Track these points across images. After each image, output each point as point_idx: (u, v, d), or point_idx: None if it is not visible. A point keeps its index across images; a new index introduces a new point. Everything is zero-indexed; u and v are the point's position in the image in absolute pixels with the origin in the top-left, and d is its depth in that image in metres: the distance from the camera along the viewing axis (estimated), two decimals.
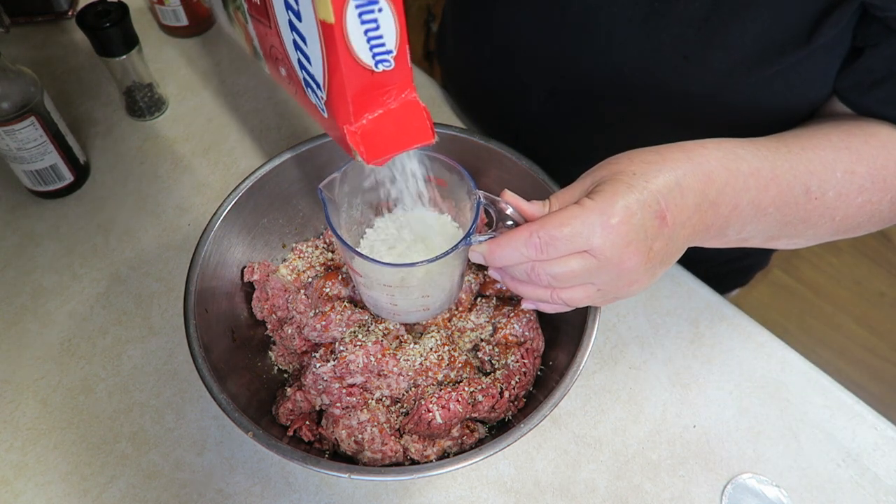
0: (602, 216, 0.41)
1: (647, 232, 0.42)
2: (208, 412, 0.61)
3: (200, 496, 0.57)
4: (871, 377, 1.57)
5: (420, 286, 0.49)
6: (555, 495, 0.57)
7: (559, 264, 0.43)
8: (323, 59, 0.37)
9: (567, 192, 0.46)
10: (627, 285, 0.45)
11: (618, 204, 0.41)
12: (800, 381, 0.62)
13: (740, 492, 0.57)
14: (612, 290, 0.45)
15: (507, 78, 0.71)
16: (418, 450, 0.53)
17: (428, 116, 0.40)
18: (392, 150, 0.40)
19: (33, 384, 0.62)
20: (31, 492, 0.57)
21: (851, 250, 1.74)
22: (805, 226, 0.50)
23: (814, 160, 0.49)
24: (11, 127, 0.64)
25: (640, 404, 0.61)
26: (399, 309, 0.52)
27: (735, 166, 0.45)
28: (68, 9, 0.89)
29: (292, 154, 0.60)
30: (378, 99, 0.38)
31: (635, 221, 0.42)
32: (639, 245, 0.42)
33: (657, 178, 0.43)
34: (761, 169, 0.46)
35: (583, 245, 0.42)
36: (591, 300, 0.46)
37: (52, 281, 0.68)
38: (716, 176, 0.44)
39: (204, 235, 0.56)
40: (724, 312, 0.66)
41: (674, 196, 0.43)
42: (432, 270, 0.48)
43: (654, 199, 0.42)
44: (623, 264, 0.42)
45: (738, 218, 0.46)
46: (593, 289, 0.45)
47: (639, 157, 0.44)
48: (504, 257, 0.44)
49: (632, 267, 0.43)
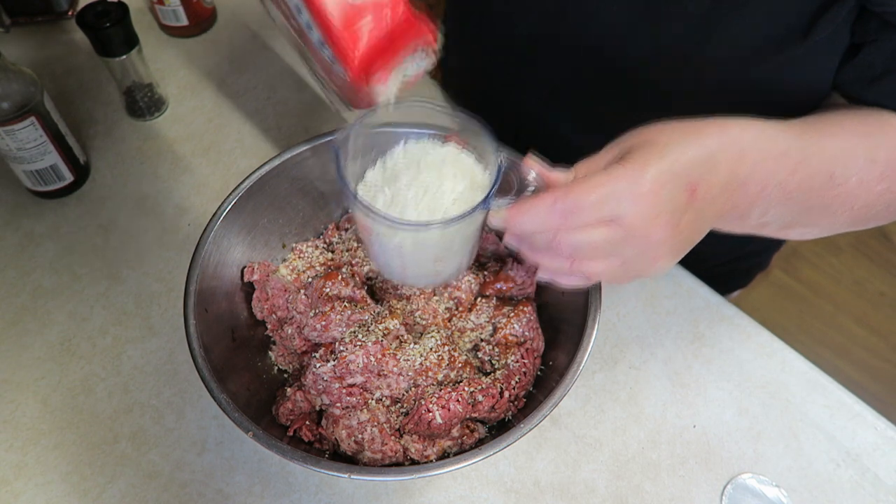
0: (632, 184, 0.39)
1: (676, 204, 0.40)
2: (208, 412, 0.61)
3: (200, 496, 0.57)
4: (871, 377, 1.57)
5: (434, 247, 0.46)
6: (555, 495, 0.57)
7: (583, 233, 0.41)
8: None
9: (593, 161, 0.43)
10: (652, 261, 0.42)
11: (649, 172, 0.39)
12: (800, 381, 0.62)
13: (740, 492, 0.57)
14: (636, 265, 0.43)
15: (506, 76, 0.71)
16: (418, 450, 0.53)
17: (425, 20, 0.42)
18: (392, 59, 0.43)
19: (33, 384, 0.62)
20: (31, 492, 0.57)
21: (851, 250, 1.74)
22: (824, 213, 0.49)
23: (837, 146, 0.47)
24: (11, 127, 0.64)
25: (640, 404, 0.61)
26: (410, 273, 0.50)
27: (766, 146, 0.44)
28: (68, 9, 0.89)
29: (292, 154, 0.60)
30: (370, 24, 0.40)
31: (665, 192, 0.40)
32: (668, 217, 0.40)
33: (689, 149, 0.41)
34: (790, 151, 0.45)
35: (610, 214, 0.40)
36: (612, 275, 0.43)
37: (52, 281, 0.68)
38: (748, 154, 0.43)
39: (204, 235, 0.56)
40: (724, 312, 0.66)
41: (706, 170, 0.41)
42: (448, 231, 0.45)
43: (686, 170, 0.40)
44: (650, 237, 0.40)
45: (763, 200, 0.45)
46: (616, 262, 0.42)
47: (671, 128, 0.42)
48: (525, 223, 0.42)
49: (659, 240, 0.41)
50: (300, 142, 0.60)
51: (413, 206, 0.44)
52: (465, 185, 0.45)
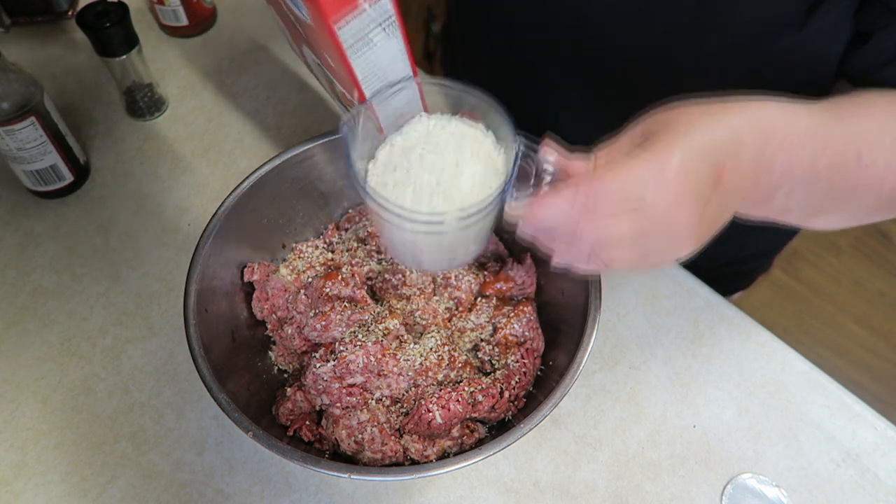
0: (656, 170, 0.37)
1: (702, 190, 0.39)
2: (208, 412, 0.61)
3: (200, 496, 0.57)
4: (871, 377, 1.57)
5: (449, 237, 0.44)
6: (555, 495, 0.57)
7: (606, 225, 0.39)
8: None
9: (613, 145, 0.41)
10: (675, 249, 0.41)
11: (674, 157, 0.37)
12: (800, 381, 0.62)
13: (740, 492, 0.57)
14: (658, 253, 0.41)
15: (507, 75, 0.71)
16: (418, 450, 0.53)
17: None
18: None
19: (33, 384, 0.62)
20: (31, 492, 0.57)
21: (851, 250, 1.74)
22: (851, 197, 0.47)
23: (863, 126, 0.45)
24: (11, 127, 0.64)
25: (640, 404, 0.61)
26: (424, 259, 0.48)
27: (792, 125, 0.42)
28: (68, 9, 0.89)
29: (292, 154, 0.60)
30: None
31: (691, 178, 0.38)
32: (693, 205, 0.39)
33: (715, 131, 0.39)
34: (817, 129, 0.43)
35: (633, 203, 0.38)
36: (633, 263, 0.42)
37: (52, 281, 0.68)
38: (774, 134, 0.41)
39: (204, 235, 0.56)
40: (724, 312, 0.66)
41: (732, 152, 0.39)
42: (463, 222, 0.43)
43: (712, 154, 0.38)
44: (675, 225, 0.39)
45: (788, 181, 0.43)
46: (639, 251, 0.41)
47: (694, 108, 0.40)
48: (545, 218, 0.40)
49: (683, 228, 0.39)
50: (300, 142, 0.60)
51: (427, 193, 0.42)
52: (483, 168, 0.43)
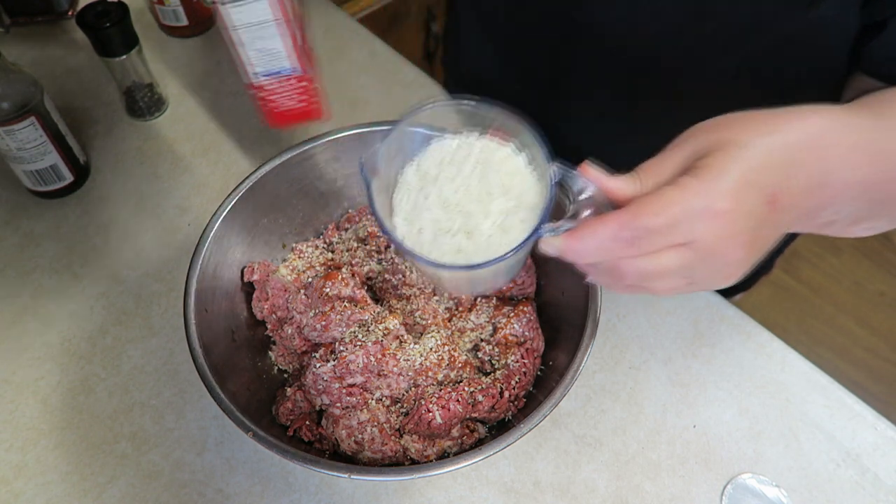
0: (707, 201, 0.35)
1: (756, 219, 0.36)
2: (208, 412, 0.61)
3: (200, 496, 0.57)
4: (871, 377, 1.57)
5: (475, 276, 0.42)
6: (555, 495, 0.57)
7: (651, 260, 0.37)
8: None
9: (659, 166, 0.38)
10: (723, 279, 0.39)
11: (726, 185, 0.35)
12: (800, 381, 0.62)
13: (740, 492, 0.57)
14: (705, 283, 0.40)
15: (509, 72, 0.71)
16: (418, 450, 0.53)
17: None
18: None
19: (33, 384, 0.62)
20: (31, 492, 0.57)
21: (851, 250, 1.74)
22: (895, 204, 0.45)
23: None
24: (11, 127, 0.64)
25: (640, 404, 0.61)
26: (450, 287, 0.47)
27: (847, 138, 0.39)
28: (68, 9, 0.89)
29: (292, 154, 0.60)
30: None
31: (745, 207, 0.36)
32: (745, 235, 0.36)
33: (771, 152, 0.36)
34: (870, 141, 0.40)
35: (682, 237, 0.36)
36: (677, 292, 0.40)
37: (52, 281, 0.68)
38: (829, 151, 0.38)
39: (204, 235, 0.56)
40: (725, 312, 0.66)
41: (787, 175, 0.37)
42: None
43: (766, 179, 0.36)
44: (726, 257, 0.37)
45: (840, 198, 0.41)
46: (684, 282, 0.39)
47: (745, 124, 0.37)
48: (585, 253, 0.38)
49: (734, 260, 0.37)
50: (300, 142, 0.60)
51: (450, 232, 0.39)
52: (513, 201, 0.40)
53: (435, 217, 0.39)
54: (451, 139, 0.41)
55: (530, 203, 0.40)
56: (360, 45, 0.85)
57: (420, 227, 0.40)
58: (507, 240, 0.39)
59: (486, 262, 0.37)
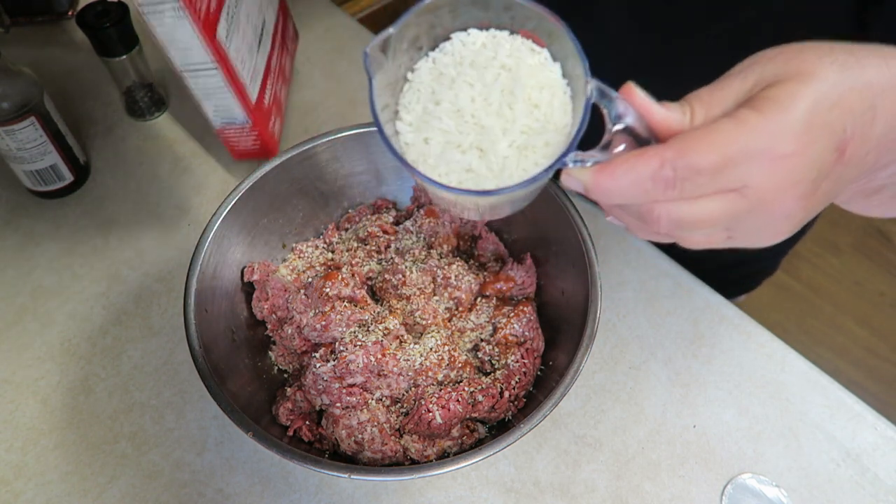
0: (769, 141, 0.30)
1: (820, 169, 0.31)
2: (208, 412, 0.61)
3: (200, 496, 0.57)
4: (871, 377, 1.57)
5: (488, 202, 0.37)
6: (555, 495, 0.57)
7: (692, 206, 0.32)
8: None
9: (714, 95, 0.33)
10: (767, 236, 0.34)
11: (792, 124, 0.30)
12: (800, 381, 0.62)
13: (740, 492, 0.57)
14: (746, 238, 0.35)
15: None
16: (418, 450, 0.53)
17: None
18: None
19: (33, 384, 0.62)
20: (31, 492, 0.57)
21: (851, 250, 1.74)
22: None
23: None
24: (11, 127, 0.64)
25: (640, 404, 0.61)
26: (462, 213, 0.42)
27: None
28: (68, 9, 0.89)
29: (292, 154, 0.60)
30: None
31: (811, 153, 0.30)
32: (805, 187, 0.31)
33: (848, 90, 0.30)
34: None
35: (733, 182, 0.31)
36: (712, 246, 0.35)
37: (52, 281, 0.68)
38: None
39: (204, 235, 0.56)
40: (725, 312, 0.66)
41: (864, 121, 0.31)
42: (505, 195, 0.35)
43: (840, 122, 0.31)
44: (778, 210, 0.32)
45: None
46: (723, 236, 0.34)
47: (820, 55, 0.31)
48: (616, 192, 0.32)
49: (787, 213, 0.32)
50: (300, 142, 0.60)
51: (461, 148, 0.33)
52: (538, 121, 0.34)
53: (445, 127, 0.34)
54: (477, 34, 0.35)
55: (558, 125, 0.34)
56: (360, 45, 0.85)
57: (426, 136, 0.34)
58: (526, 164, 0.33)
59: (499, 189, 0.32)
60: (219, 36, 0.55)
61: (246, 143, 0.64)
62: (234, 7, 0.59)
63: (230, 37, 0.57)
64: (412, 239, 0.62)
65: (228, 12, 0.58)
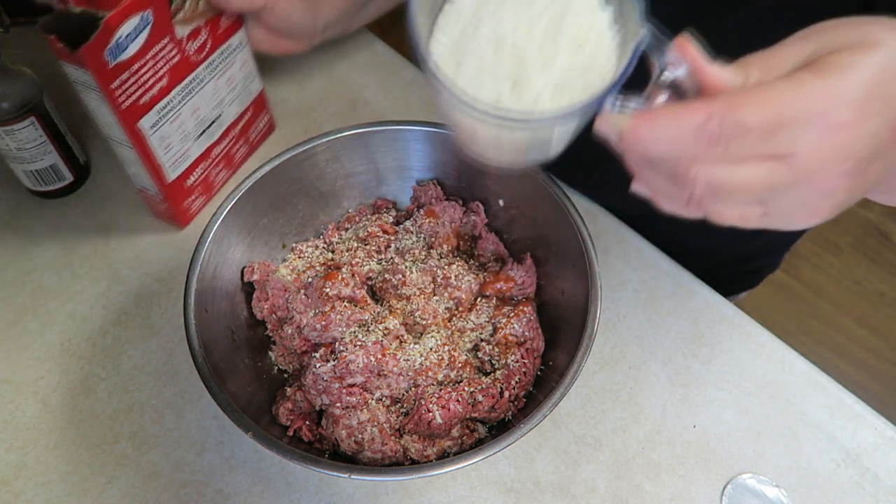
0: (826, 105, 0.28)
1: (873, 146, 0.29)
2: (208, 412, 0.61)
3: (200, 496, 0.57)
4: (871, 377, 1.57)
5: (519, 139, 0.35)
6: (555, 495, 0.57)
7: (733, 170, 0.30)
8: None
9: (772, 59, 0.31)
10: (805, 215, 0.32)
11: (852, 90, 0.28)
12: (800, 381, 0.62)
13: (740, 492, 0.57)
14: (783, 216, 0.32)
15: None
16: (418, 450, 0.53)
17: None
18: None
19: (33, 384, 0.62)
20: (31, 492, 0.57)
21: (851, 250, 1.74)
22: None
23: None
24: (11, 127, 0.64)
25: (640, 404, 0.61)
26: (488, 153, 0.39)
27: None
28: None
29: (292, 154, 0.60)
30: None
31: (867, 126, 0.29)
32: (854, 163, 0.29)
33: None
34: None
35: (782, 147, 0.29)
36: (745, 223, 0.33)
37: (52, 281, 0.68)
38: None
39: (204, 235, 0.56)
40: (725, 312, 0.66)
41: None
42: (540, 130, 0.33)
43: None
44: (822, 184, 0.30)
45: None
46: (758, 211, 0.32)
47: (881, 24, 0.30)
48: (654, 143, 0.30)
49: (829, 190, 0.30)
50: (300, 142, 0.60)
51: (495, 71, 0.32)
52: (585, 57, 0.32)
53: (481, 53, 0.32)
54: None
55: (601, 70, 0.32)
56: (360, 45, 0.85)
57: (460, 60, 0.33)
58: (560, 105, 0.32)
59: (529, 118, 0.30)
60: (140, 124, 0.58)
61: (160, 208, 0.68)
62: (177, 102, 0.60)
63: (158, 125, 0.59)
64: (412, 239, 0.62)
65: (167, 105, 0.59)
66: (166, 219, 0.69)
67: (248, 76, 0.69)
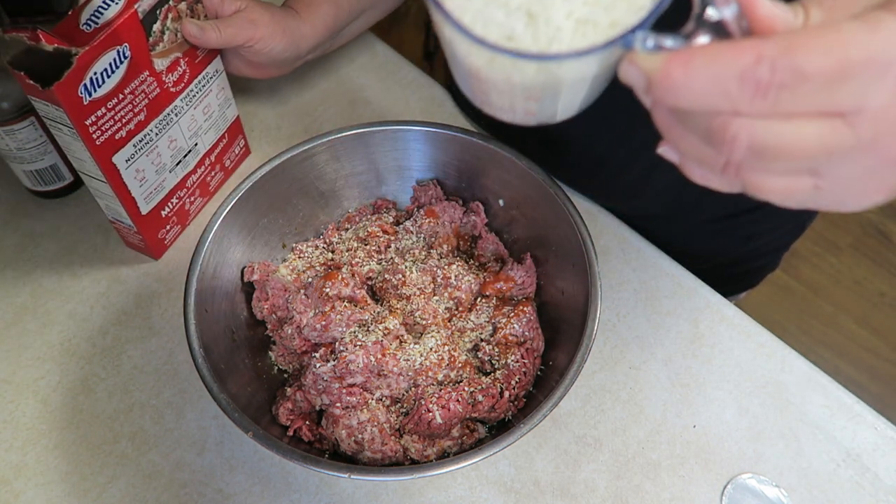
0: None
1: None
2: (208, 412, 0.61)
3: (200, 496, 0.57)
4: (871, 377, 1.57)
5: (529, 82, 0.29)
6: (555, 495, 0.57)
7: (784, 128, 0.24)
8: None
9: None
10: (864, 192, 0.26)
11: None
12: (800, 381, 0.62)
13: (740, 492, 0.57)
14: (836, 192, 0.26)
15: None
16: (418, 450, 0.53)
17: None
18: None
19: (33, 384, 0.62)
20: (31, 492, 0.57)
21: (851, 250, 1.74)
22: None
23: None
24: (11, 127, 0.64)
25: (640, 404, 0.61)
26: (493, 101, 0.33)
27: None
28: (68, 9, 0.89)
29: (292, 154, 0.60)
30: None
31: None
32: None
33: None
34: None
35: (847, 100, 0.23)
36: (791, 199, 0.27)
37: (52, 281, 0.68)
38: None
39: (204, 235, 0.56)
40: (725, 312, 0.66)
41: None
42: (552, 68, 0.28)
43: None
44: (889, 151, 0.25)
45: None
46: (809, 183, 0.26)
47: None
48: (688, 91, 0.24)
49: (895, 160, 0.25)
50: (300, 142, 0.60)
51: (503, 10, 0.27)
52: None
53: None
54: None
55: (632, 5, 0.27)
56: (360, 45, 0.85)
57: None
58: (582, 44, 0.27)
59: (545, 54, 0.26)
60: (115, 159, 0.56)
61: (133, 239, 0.67)
62: (154, 135, 0.59)
63: (134, 159, 0.58)
64: (412, 239, 0.62)
65: (143, 139, 0.58)
66: (140, 250, 0.68)
67: (224, 102, 0.68)
